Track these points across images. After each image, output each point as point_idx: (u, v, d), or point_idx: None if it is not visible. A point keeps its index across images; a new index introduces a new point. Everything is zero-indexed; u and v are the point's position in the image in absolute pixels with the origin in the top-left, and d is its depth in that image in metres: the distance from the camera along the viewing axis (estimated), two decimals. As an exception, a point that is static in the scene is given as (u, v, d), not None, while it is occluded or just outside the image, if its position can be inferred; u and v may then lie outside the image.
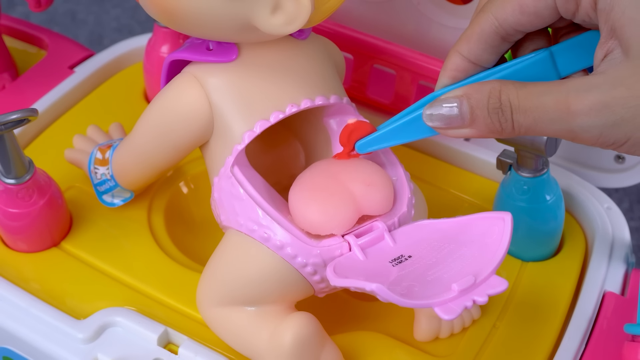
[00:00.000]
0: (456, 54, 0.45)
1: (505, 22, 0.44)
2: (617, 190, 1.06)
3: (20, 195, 0.56)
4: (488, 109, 0.42)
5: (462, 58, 0.45)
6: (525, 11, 0.43)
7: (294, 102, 0.51)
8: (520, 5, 0.43)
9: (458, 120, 0.44)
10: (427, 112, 0.45)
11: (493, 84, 0.43)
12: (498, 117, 0.42)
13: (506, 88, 0.42)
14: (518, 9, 0.43)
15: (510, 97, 0.42)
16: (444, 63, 0.46)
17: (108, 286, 0.57)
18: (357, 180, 0.49)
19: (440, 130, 0.45)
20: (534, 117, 0.41)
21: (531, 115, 0.41)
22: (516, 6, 0.43)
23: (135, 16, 1.29)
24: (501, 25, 0.44)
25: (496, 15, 0.44)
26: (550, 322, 0.56)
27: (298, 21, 0.46)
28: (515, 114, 0.42)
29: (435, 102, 0.44)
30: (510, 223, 0.46)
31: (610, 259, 0.59)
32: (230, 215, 0.51)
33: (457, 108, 0.43)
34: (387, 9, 0.69)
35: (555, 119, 0.41)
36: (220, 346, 0.53)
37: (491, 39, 0.45)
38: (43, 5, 0.67)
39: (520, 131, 0.42)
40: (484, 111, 0.43)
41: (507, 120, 0.42)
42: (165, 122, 0.52)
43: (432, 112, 0.44)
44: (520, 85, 0.42)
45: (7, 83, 0.71)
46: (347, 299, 0.57)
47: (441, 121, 0.44)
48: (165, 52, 0.67)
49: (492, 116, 0.43)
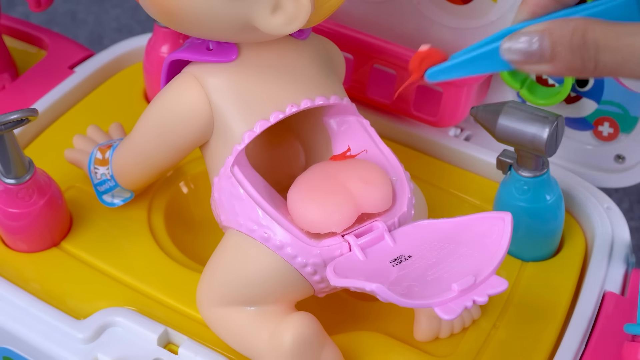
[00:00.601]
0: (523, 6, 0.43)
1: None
2: (617, 190, 1.06)
3: (20, 195, 0.56)
4: (571, 45, 0.41)
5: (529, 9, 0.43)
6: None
7: (294, 102, 0.51)
8: None
9: (538, 55, 0.41)
10: (506, 44, 0.42)
11: (578, 21, 0.41)
12: (581, 54, 0.40)
13: (592, 26, 0.40)
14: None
15: (596, 36, 0.40)
16: None
17: (108, 286, 0.57)
18: (355, 178, 0.49)
19: (517, 65, 0.43)
20: (623, 57, 0.40)
21: (619, 54, 0.40)
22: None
23: (135, 16, 1.29)
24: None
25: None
26: (550, 322, 0.56)
27: (298, 21, 0.46)
28: (601, 53, 0.40)
29: (514, 35, 0.42)
30: (510, 223, 0.46)
31: (610, 259, 0.59)
32: (230, 215, 0.51)
33: (537, 42, 0.41)
34: (387, 9, 0.69)
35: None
36: (220, 346, 0.53)
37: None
38: (43, 5, 0.67)
39: (603, 71, 0.41)
40: (567, 47, 0.41)
41: (591, 58, 0.40)
42: (165, 122, 0.52)
43: (510, 45, 0.42)
44: (608, 24, 0.40)
45: (7, 83, 0.71)
46: (347, 299, 0.57)
47: (520, 55, 0.42)
48: (165, 52, 0.67)
49: (575, 54, 0.41)
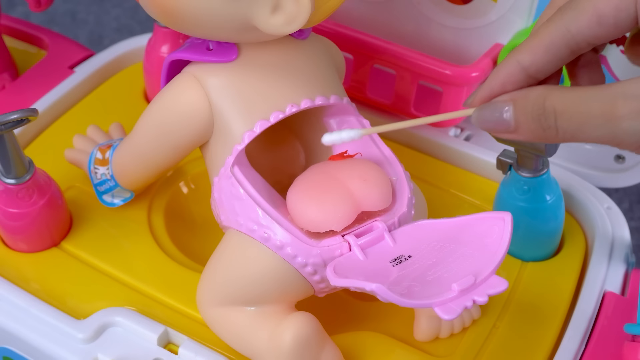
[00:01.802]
0: (514, 62, 0.43)
1: (580, 34, 0.41)
2: (617, 190, 1.06)
3: (20, 195, 0.56)
4: (532, 115, 0.41)
5: (520, 69, 0.43)
6: (603, 22, 0.41)
7: (294, 102, 0.51)
8: (598, 16, 0.41)
9: (504, 126, 0.42)
10: (475, 114, 0.43)
11: (539, 90, 0.41)
12: (541, 123, 0.41)
13: (552, 94, 0.41)
14: (595, 20, 0.41)
15: (554, 103, 0.41)
16: (496, 68, 0.44)
17: (108, 286, 0.57)
18: (354, 177, 0.49)
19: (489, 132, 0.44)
20: (579, 123, 0.40)
21: (576, 121, 0.40)
22: (593, 17, 0.41)
23: (135, 16, 1.29)
24: (574, 37, 0.42)
25: (570, 27, 0.42)
26: (550, 322, 0.56)
27: (298, 21, 0.46)
28: (559, 120, 0.41)
29: (484, 105, 0.43)
30: (510, 223, 0.46)
31: (610, 259, 0.59)
32: (230, 215, 0.51)
33: (502, 114, 0.42)
34: (387, 9, 0.69)
35: (601, 125, 0.40)
36: (220, 346, 0.53)
37: (560, 52, 0.42)
38: (43, 5, 0.67)
39: (565, 137, 0.41)
40: (528, 117, 0.41)
41: (551, 126, 0.41)
42: (165, 122, 0.52)
43: (478, 115, 0.43)
44: (566, 91, 0.41)
45: (7, 83, 0.71)
46: (347, 299, 0.57)
47: (487, 124, 0.43)
48: (165, 52, 0.67)
49: (536, 122, 0.41)
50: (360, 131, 0.47)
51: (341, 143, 0.47)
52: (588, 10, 0.41)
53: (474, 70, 0.63)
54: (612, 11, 0.40)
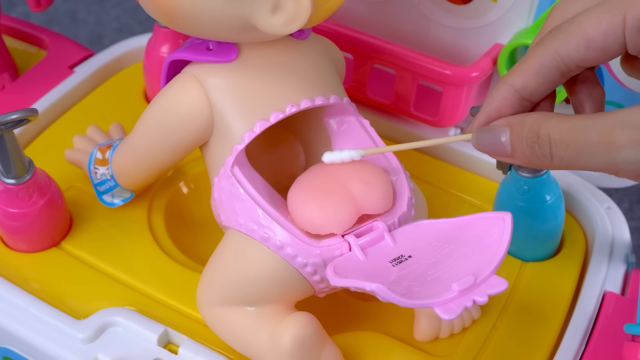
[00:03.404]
0: (507, 86, 0.44)
1: (568, 57, 0.42)
2: (617, 190, 1.06)
3: (20, 195, 0.56)
4: (527, 142, 0.42)
5: (514, 92, 0.44)
6: (591, 46, 0.41)
7: (294, 102, 0.51)
8: (587, 40, 0.41)
9: (501, 149, 0.43)
10: (473, 138, 0.44)
11: (535, 117, 0.42)
12: (534, 150, 0.42)
13: (547, 122, 0.41)
14: (584, 44, 0.41)
15: (550, 132, 0.41)
16: (489, 93, 0.44)
17: (108, 286, 0.57)
18: (355, 180, 0.49)
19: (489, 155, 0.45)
20: (577, 151, 0.41)
21: (573, 149, 0.41)
22: (582, 41, 0.41)
23: (135, 16, 1.29)
24: (563, 60, 0.42)
25: (559, 51, 0.42)
26: (550, 322, 0.56)
27: (298, 21, 0.46)
28: (554, 149, 0.41)
29: (483, 128, 0.44)
30: (510, 223, 0.46)
31: (610, 259, 0.59)
32: (230, 215, 0.51)
33: (499, 138, 0.43)
34: (387, 9, 0.69)
35: (599, 153, 0.40)
36: (220, 346, 0.53)
37: (550, 75, 0.43)
38: (43, 5, 0.68)
39: (561, 165, 0.42)
40: (523, 143, 0.42)
41: (545, 154, 0.41)
42: (165, 122, 0.52)
43: (478, 139, 0.44)
44: (562, 119, 0.41)
45: (7, 83, 0.71)
46: (347, 299, 0.57)
47: (485, 148, 0.44)
48: (165, 52, 0.67)
49: (529, 149, 0.42)
50: (361, 151, 0.48)
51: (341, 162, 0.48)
52: (576, 34, 0.41)
53: (474, 70, 0.63)
54: (600, 36, 0.41)
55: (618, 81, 0.63)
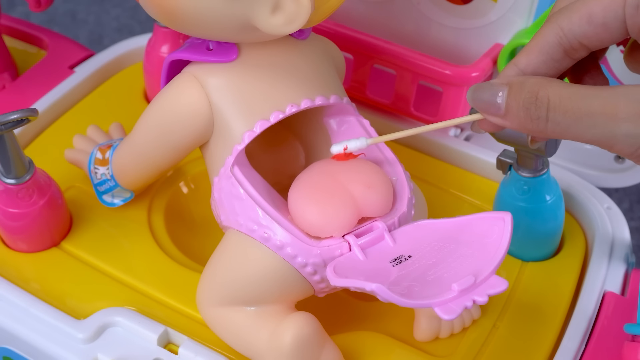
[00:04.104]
0: (512, 66, 0.44)
1: (571, 32, 0.42)
2: (617, 190, 1.06)
3: (20, 195, 0.56)
4: (524, 103, 0.41)
5: (517, 71, 0.44)
6: (593, 21, 0.41)
7: (294, 102, 0.51)
8: (589, 14, 0.41)
9: (494, 109, 0.42)
10: (470, 92, 0.43)
11: (537, 79, 0.41)
12: (530, 112, 0.41)
13: (549, 85, 0.41)
14: (586, 18, 0.41)
15: (550, 94, 0.40)
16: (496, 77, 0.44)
17: (108, 286, 0.57)
18: (357, 182, 0.49)
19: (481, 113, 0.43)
20: (575, 118, 0.40)
21: (572, 115, 0.40)
22: (584, 15, 0.41)
23: (135, 16, 1.29)
24: (566, 35, 0.42)
25: (562, 25, 0.42)
26: (550, 322, 0.56)
27: (298, 21, 0.46)
28: (551, 112, 0.40)
29: (481, 85, 0.43)
30: (510, 223, 0.46)
31: (610, 259, 0.59)
32: (230, 215, 0.51)
33: (494, 96, 0.42)
34: (387, 9, 0.69)
35: (598, 123, 0.39)
36: (220, 346, 0.53)
37: (553, 51, 0.43)
38: (43, 5, 0.67)
39: (554, 131, 0.41)
40: (519, 104, 0.41)
41: (540, 117, 0.41)
42: (165, 122, 0.52)
43: (473, 94, 0.43)
44: (565, 85, 0.40)
45: (7, 83, 0.71)
46: (347, 299, 0.57)
47: (479, 104, 0.43)
48: (165, 52, 0.67)
49: (526, 111, 0.41)
50: (367, 140, 0.48)
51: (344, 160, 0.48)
52: (580, 9, 0.42)
53: (474, 70, 0.63)
54: (601, 11, 0.41)
55: (618, 80, 0.63)
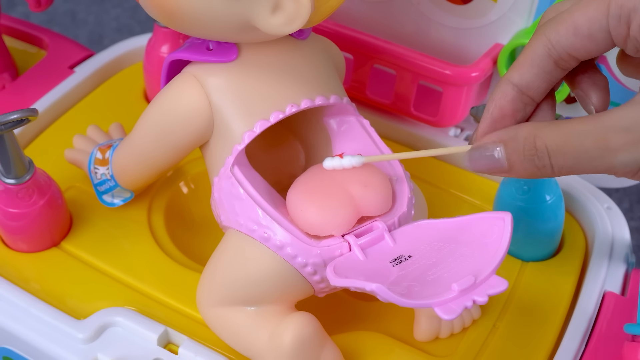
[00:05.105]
0: (506, 82, 0.45)
1: (559, 44, 0.43)
2: (617, 190, 1.06)
3: (20, 195, 0.56)
4: (525, 156, 0.42)
5: (512, 86, 0.44)
6: (579, 33, 0.42)
7: (294, 102, 0.51)
8: (575, 26, 0.42)
9: (497, 165, 0.43)
10: (467, 157, 0.45)
11: (527, 129, 0.42)
12: (535, 163, 0.42)
13: (541, 133, 0.42)
14: (572, 30, 0.42)
15: (547, 142, 0.42)
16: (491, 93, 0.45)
17: (108, 286, 0.57)
18: (355, 182, 0.49)
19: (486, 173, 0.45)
20: (575, 158, 0.41)
21: (571, 156, 0.41)
22: (570, 27, 0.42)
23: (135, 16, 1.29)
24: (554, 47, 0.43)
25: (549, 37, 0.43)
26: (550, 322, 0.56)
27: (298, 21, 0.46)
28: (553, 158, 0.42)
29: (475, 147, 0.44)
30: (510, 223, 0.46)
31: (610, 259, 0.59)
32: (230, 215, 0.51)
33: (494, 156, 0.43)
34: (387, 9, 0.69)
35: (596, 157, 0.41)
36: (220, 346, 0.53)
37: (544, 63, 0.44)
38: (43, 5, 0.67)
39: (562, 172, 0.42)
40: (521, 157, 0.42)
41: (545, 165, 0.42)
42: (165, 122, 0.52)
43: (472, 161, 0.44)
44: (556, 127, 0.42)
45: (7, 83, 0.71)
46: (347, 299, 0.57)
47: (482, 166, 0.44)
48: (165, 52, 0.67)
49: (528, 162, 0.42)
50: (362, 158, 0.48)
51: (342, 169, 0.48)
52: (566, 21, 0.43)
53: (474, 70, 0.63)
54: (586, 22, 0.42)
55: (618, 81, 0.63)
